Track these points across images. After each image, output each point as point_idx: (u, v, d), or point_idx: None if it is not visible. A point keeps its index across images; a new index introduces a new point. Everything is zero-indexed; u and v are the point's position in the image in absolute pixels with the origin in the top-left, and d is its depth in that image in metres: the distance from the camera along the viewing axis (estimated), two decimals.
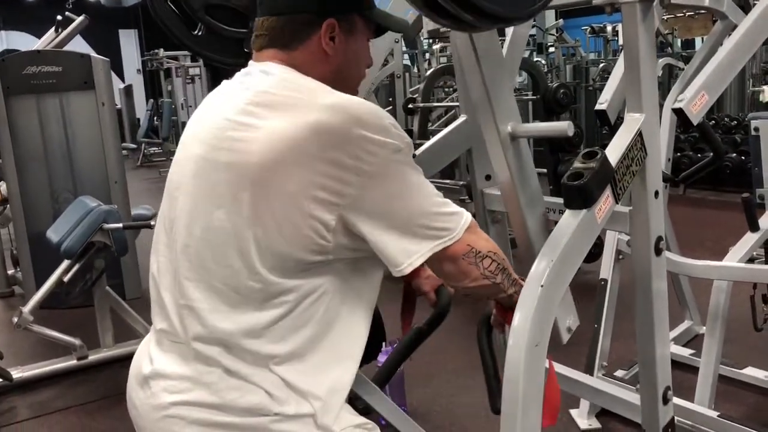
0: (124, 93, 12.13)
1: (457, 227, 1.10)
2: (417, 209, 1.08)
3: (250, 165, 1.04)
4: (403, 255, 1.07)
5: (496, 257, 1.14)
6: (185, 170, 1.15)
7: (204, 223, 1.10)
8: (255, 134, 1.06)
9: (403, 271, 1.07)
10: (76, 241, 3.11)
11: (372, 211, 1.05)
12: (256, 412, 1.07)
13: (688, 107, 1.62)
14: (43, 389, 3.26)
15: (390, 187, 1.05)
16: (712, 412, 2.36)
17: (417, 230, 1.07)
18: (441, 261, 1.10)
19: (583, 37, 10.79)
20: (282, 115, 1.06)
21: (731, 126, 6.95)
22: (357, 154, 1.02)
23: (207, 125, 1.14)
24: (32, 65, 4.20)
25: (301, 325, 1.09)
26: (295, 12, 1.14)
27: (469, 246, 1.11)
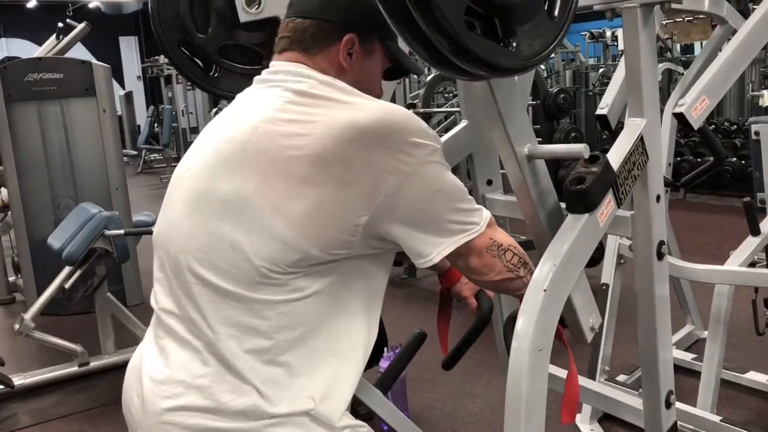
0: (124, 100, 12.16)
1: (481, 221, 1.13)
2: (447, 206, 1.11)
3: (293, 159, 1.05)
4: (430, 246, 1.10)
5: (516, 251, 1.18)
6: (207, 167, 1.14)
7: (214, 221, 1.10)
8: (303, 130, 1.07)
9: (431, 260, 1.10)
10: (78, 247, 3.11)
11: (405, 209, 1.07)
12: (250, 415, 1.06)
13: (689, 112, 1.63)
14: (44, 396, 3.26)
15: (425, 186, 1.08)
16: (715, 417, 2.36)
17: (446, 225, 1.10)
18: (466, 255, 1.13)
19: (582, 42, 10.82)
20: (324, 113, 1.07)
21: (731, 130, 6.96)
22: (396, 155, 1.05)
23: (244, 126, 1.13)
24: (33, 72, 4.21)
25: (297, 324, 1.09)
26: (321, 18, 1.16)
27: (491, 239, 1.14)
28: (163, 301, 1.17)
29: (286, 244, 1.05)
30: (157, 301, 1.19)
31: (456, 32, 0.95)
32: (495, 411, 2.78)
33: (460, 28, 0.96)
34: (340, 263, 1.10)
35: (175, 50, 1.59)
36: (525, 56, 1.06)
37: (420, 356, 1.71)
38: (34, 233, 4.25)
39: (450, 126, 6.91)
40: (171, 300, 1.15)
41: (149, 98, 15.38)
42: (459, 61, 1.00)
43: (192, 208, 1.13)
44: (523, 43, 1.05)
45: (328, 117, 1.07)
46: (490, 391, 2.92)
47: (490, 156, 1.70)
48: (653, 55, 1.34)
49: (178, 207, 1.16)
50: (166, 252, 1.17)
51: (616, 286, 2.69)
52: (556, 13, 1.09)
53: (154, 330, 1.19)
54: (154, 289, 1.21)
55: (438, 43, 0.96)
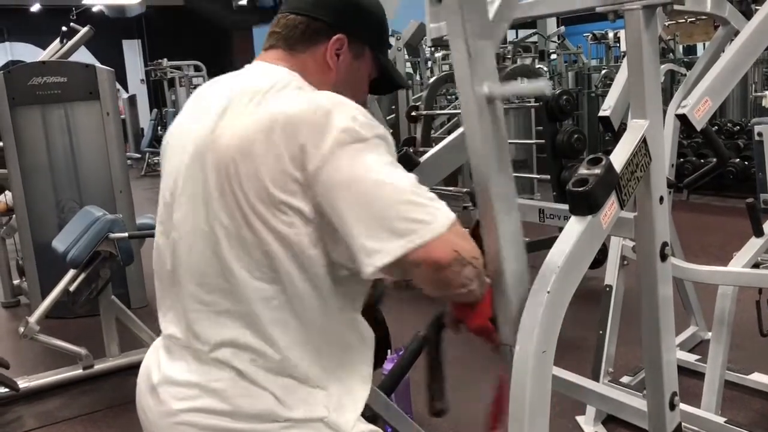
0: (128, 103, 12.19)
1: (435, 221, 0.99)
2: (379, 196, 0.99)
3: (224, 163, 1.06)
4: (363, 254, 0.98)
5: (477, 263, 1.05)
6: (179, 174, 1.15)
7: (201, 224, 1.10)
8: (230, 129, 1.07)
9: (365, 273, 0.99)
10: (82, 250, 3.12)
11: (332, 197, 1.00)
12: (266, 418, 1.08)
13: (692, 113, 1.63)
14: (49, 399, 3.27)
15: (347, 171, 0.99)
16: (719, 418, 2.36)
17: (381, 223, 0.97)
18: (419, 265, 0.99)
19: (585, 43, 10.83)
20: (253, 108, 1.07)
21: (734, 131, 6.96)
22: (316, 142, 1.00)
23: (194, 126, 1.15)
24: (37, 76, 4.23)
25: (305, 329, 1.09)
26: (312, 16, 1.17)
27: (455, 252, 0.99)
28: (169, 327, 1.18)
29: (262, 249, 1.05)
30: (165, 325, 1.20)
31: None
32: None
33: None
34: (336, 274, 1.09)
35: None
36: None
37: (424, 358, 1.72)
38: (39, 236, 4.26)
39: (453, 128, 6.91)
40: (176, 324, 1.16)
41: (152, 101, 15.41)
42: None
43: (185, 231, 1.13)
44: None
45: (262, 111, 1.06)
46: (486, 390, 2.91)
47: None
48: (656, 56, 1.34)
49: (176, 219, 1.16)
50: (164, 268, 1.18)
51: (619, 288, 2.68)
52: None
53: (167, 328, 1.20)
54: (159, 309, 1.21)
55: None
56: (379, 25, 1.24)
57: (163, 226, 1.19)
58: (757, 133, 2.53)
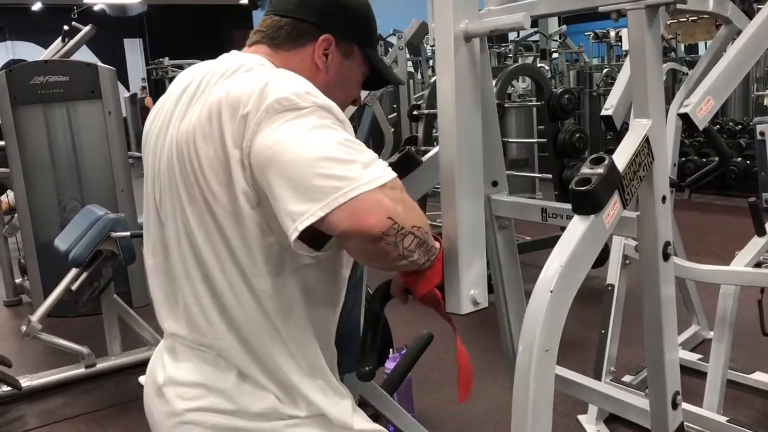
0: (129, 102, 12.19)
1: (363, 178, 0.91)
2: (303, 157, 0.92)
3: (186, 152, 1.05)
4: (288, 219, 0.92)
5: (419, 232, 0.97)
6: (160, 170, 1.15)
7: (180, 218, 1.10)
8: (189, 117, 1.07)
9: (291, 237, 0.92)
10: (84, 249, 3.12)
11: (262, 167, 0.96)
12: (270, 416, 1.09)
13: (694, 112, 1.63)
14: (51, 397, 3.27)
15: (275, 136, 0.95)
16: (721, 417, 2.36)
17: (303, 183, 0.91)
18: (351, 237, 0.92)
19: (586, 42, 10.82)
20: (207, 94, 1.06)
21: (736, 130, 6.96)
22: (252, 115, 0.98)
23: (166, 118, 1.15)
24: (39, 75, 4.23)
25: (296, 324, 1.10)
26: (298, 17, 1.16)
27: (390, 220, 0.91)
28: (169, 325, 1.18)
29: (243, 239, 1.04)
30: (162, 321, 1.20)
31: None
32: (501, 411, 2.78)
33: None
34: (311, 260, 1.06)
35: None
36: None
37: (426, 357, 1.72)
38: (41, 235, 4.27)
39: None
40: (176, 320, 1.16)
41: (154, 100, 15.41)
42: None
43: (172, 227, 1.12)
44: None
45: (212, 95, 1.05)
46: (496, 391, 2.92)
47: (495, 157, 1.70)
48: (659, 55, 1.34)
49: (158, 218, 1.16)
50: (158, 265, 1.18)
51: (621, 287, 2.69)
52: None
53: (170, 340, 1.20)
54: (157, 306, 1.21)
55: None
56: (366, 21, 1.22)
57: (153, 222, 1.18)
58: (760, 132, 2.53)
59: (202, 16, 15.87)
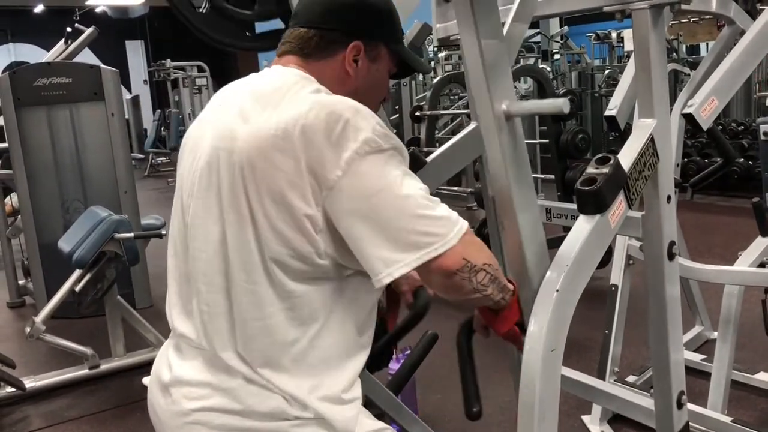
0: (131, 103, 12.20)
1: (449, 234, 1.03)
2: (400, 210, 1.02)
3: (238, 162, 1.06)
4: (380, 264, 1.02)
5: (490, 269, 1.09)
6: (195, 174, 1.16)
7: (212, 224, 1.11)
8: (246, 130, 1.07)
9: (381, 281, 1.02)
10: (88, 250, 3.13)
11: (350, 207, 1.02)
12: (277, 417, 1.09)
13: (698, 112, 1.63)
14: (55, 399, 3.28)
15: (367, 182, 1.01)
16: (726, 418, 2.36)
17: (399, 235, 1.01)
18: (431, 272, 1.04)
19: (588, 43, 10.81)
20: (271, 110, 1.07)
21: (738, 131, 6.95)
22: (336, 150, 1.02)
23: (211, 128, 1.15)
24: (43, 77, 4.24)
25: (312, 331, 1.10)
26: (326, 28, 1.17)
27: (464, 260, 1.04)
28: (179, 325, 1.18)
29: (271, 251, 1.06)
30: (173, 321, 1.20)
31: None
32: (505, 412, 2.78)
33: None
34: (332, 274, 1.09)
35: None
36: None
37: (429, 357, 1.72)
38: (44, 237, 4.27)
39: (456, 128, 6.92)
40: (187, 322, 1.16)
41: (156, 102, 15.44)
42: None
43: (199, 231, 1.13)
44: None
45: (279, 114, 1.06)
46: (501, 391, 2.91)
47: None
48: (663, 55, 1.34)
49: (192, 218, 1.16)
50: (178, 267, 1.19)
51: (625, 288, 2.68)
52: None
53: (176, 339, 1.20)
54: (169, 307, 1.21)
55: None
56: (390, 17, 1.22)
57: (178, 225, 1.19)
58: (763, 132, 2.53)
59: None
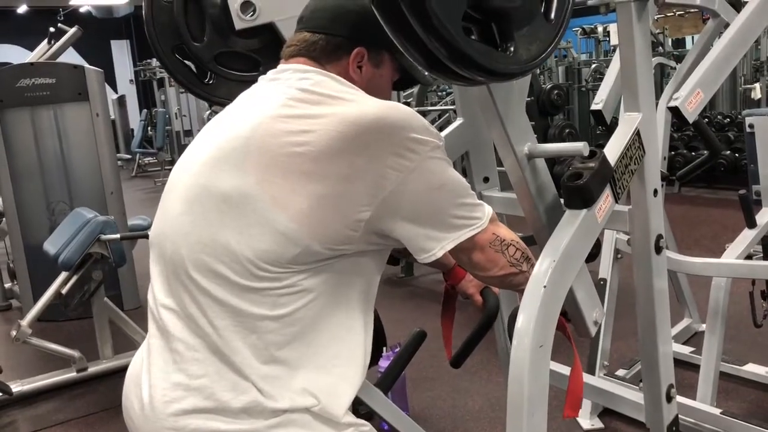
0: (117, 104, 12.13)
1: (484, 216, 1.14)
2: (450, 201, 1.12)
3: (296, 156, 1.05)
4: (433, 242, 1.11)
5: (519, 245, 1.19)
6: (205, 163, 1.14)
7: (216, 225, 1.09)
8: (306, 127, 1.07)
9: (434, 255, 1.10)
10: (74, 252, 3.10)
11: (409, 205, 1.08)
12: (252, 413, 1.06)
13: (684, 105, 1.63)
14: (42, 402, 3.25)
15: (428, 182, 1.09)
16: (715, 410, 2.37)
17: (449, 220, 1.11)
18: (470, 250, 1.14)
19: (574, 38, 10.83)
20: (327, 110, 1.08)
21: (724, 123, 7.00)
22: (398, 151, 1.06)
23: (247, 123, 1.13)
24: (26, 78, 4.19)
25: (296, 321, 1.08)
26: (330, 33, 1.18)
27: (494, 234, 1.15)
28: (161, 298, 1.16)
29: (287, 238, 1.05)
30: (155, 297, 1.18)
31: (453, 38, 0.96)
32: (495, 408, 2.78)
33: (457, 34, 0.96)
34: (339, 259, 1.10)
35: (169, 57, 1.59)
36: (523, 60, 1.06)
37: (419, 355, 1.71)
38: (30, 239, 4.23)
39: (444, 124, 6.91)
40: (170, 297, 1.14)
41: (142, 102, 15.34)
42: (457, 67, 1.00)
43: (191, 204, 1.13)
44: (521, 47, 1.05)
45: (331, 114, 1.07)
46: (490, 388, 2.92)
47: (486, 153, 1.70)
48: (648, 49, 1.34)
49: (177, 204, 1.15)
50: (162, 249, 1.17)
51: (613, 281, 2.69)
52: (552, 15, 1.10)
53: (150, 330, 1.19)
54: (152, 286, 1.20)
55: (435, 49, 0.97)
56: None
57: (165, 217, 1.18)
58: (749, 124, 2.54)
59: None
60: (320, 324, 1.11)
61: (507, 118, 1.25)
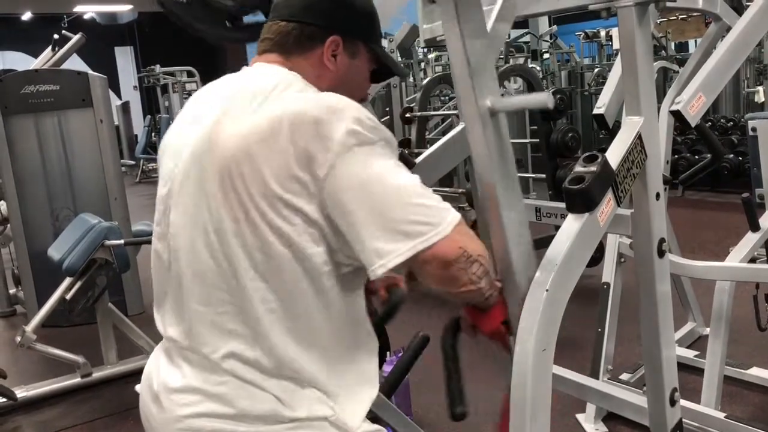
0: (121, 110, 12.16)
1: (442, 223, 1.02)
2: (390, 199, 1.01)
3: (226, 166, 1.05)
4: (374, 255, 1.01)
5: (484, 261, 1.07)
6: (177, 177, 1.15)
7: (201, 225, 1.10)
8: (230, 131, 1.07)
9: (375, 273, 1.01)
10: (78, 258, 3.11)
11: (342, 200, 1.01)
12: (270, 420, 1.08)
13: (686, 109, 1.63)
14: (47, 408, 3.25)
15: (358, 174, 1.01)
16: (719, 413, 2.36)
17: (392, 224, 1.00)
18: (427, 263, 1.02)
19: (577, 42, 10.84)
20: (256, 109, 1.07)
21: (727, 127, 6.98)
22: (324, 144, 1.01)
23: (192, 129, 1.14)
24: (30, 84, 4.22)
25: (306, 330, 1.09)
26: (304, 21, 1.17)
27: (461, 249, 1.03)
28: (169, 330, 1.17)
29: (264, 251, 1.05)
30: (164, 328, 1.18)
31: None
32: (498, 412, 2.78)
33: None
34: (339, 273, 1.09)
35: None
36: None
37: (422, 360, 1.71)
38: (34, 245, 4.25)
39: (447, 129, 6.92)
40: (176, 328, 1.15)
41: (146, 108, 15.36)
42: None
43: (185, 233, 1.12)
44: None
45: (265, 112, 1.06)
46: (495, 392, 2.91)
47: None
48: (649, 53, 1.34)
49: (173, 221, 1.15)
50: (163, 271, 1.18)
51: (617, 285, 2.69)
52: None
53: (166, 345, 1.19)
54: (159, 313, 1.20)
55: None
56: (370, 17, 1.23)
57: (161, 229, 1.18)
58: (751, 128, 2.54)
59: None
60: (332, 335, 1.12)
61: (476, 70, 1.20)
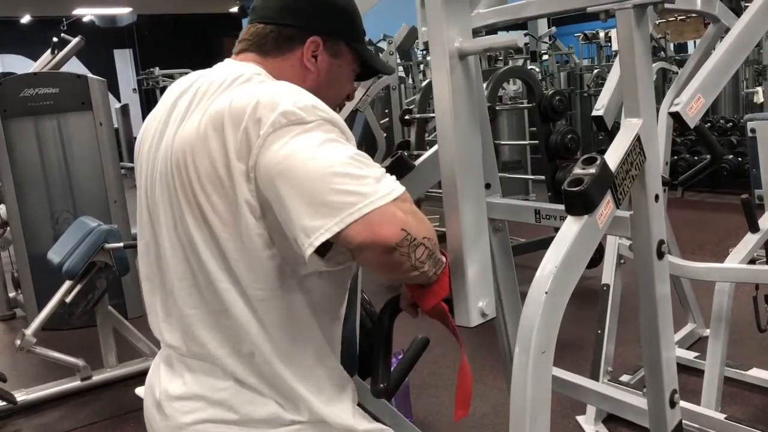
0: (120, 112, 12.17)
1: (374, 194, 0.92)
2: (315, 171, 0.93)
3: (183, 162, 1.05)
4: (302, 234, 0.93)
5: (429, 243, 0.99)
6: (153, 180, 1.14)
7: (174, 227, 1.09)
8: (184, 127, 1.07)
9: (305, 254, 0.93)
10: (78, 261, 3.11)
11: (269, 179, 0.96)
12: (273, 423, 1.08)
13: (685, 110, 1.63)
14: (47, 411, 3.25)
15: (284, 149, 0.95)
16: (719, 415, 2.36)
17: (317, 197, 0.92)
18: (366, 248, 0.93)
19: (576, 44, 10.85)
20: (206, 103, 1.06)
21: (727, 128, 6.99)
22: (257, 126, 0.97)
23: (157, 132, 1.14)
24: (29, 88, 4.22)
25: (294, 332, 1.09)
26: (282, 23, 1.15)
27: (403, 231, 0.93)
28: (166, 336, 1.16)
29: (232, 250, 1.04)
30: (162, 335, 1.18)
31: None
32: (499, 414, 2.78)
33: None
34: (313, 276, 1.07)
35: None
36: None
37: (423, 362, 1.71)
38: (34, 248, 4.24)
39: None
40: (172, 334, 1.15)
41: (145, 111, 15.38)
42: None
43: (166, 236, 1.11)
44: None
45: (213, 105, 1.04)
46: (494, 394, 2.91)
47: (487, 159, 1.70)
48: (648, 55, 1.34)
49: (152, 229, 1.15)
50: (153, 276, 1.17)
51: (616, 287, 2.69)
52: None
53: (166, 351, 1.19)
54: (154, 319, 1.19)
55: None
56: (350, 17, 1.21)
57: (145, 233, 1.17)
58: (750, 129, 2.54)
59: (192, 26, 15.85)
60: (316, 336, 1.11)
61: (452, 9, 1.16)
